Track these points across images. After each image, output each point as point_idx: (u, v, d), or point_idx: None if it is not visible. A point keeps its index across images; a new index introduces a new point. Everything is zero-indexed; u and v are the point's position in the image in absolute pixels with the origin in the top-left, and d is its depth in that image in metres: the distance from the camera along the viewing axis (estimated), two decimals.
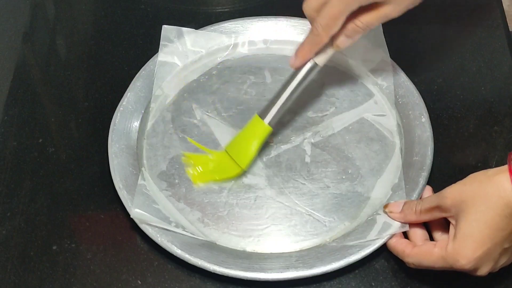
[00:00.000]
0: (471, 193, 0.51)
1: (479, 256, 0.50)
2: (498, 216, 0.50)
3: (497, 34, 0.73)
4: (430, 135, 0.62)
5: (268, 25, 0.71)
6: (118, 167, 0.60)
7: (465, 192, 0.51)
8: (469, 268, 0.51)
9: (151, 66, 0.68)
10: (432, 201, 0.54)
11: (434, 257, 0.52)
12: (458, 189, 0.52)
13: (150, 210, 0.58)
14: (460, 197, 0.52)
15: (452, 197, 0.52)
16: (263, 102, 0.67)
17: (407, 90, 0.66)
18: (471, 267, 0.51)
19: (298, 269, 0.55)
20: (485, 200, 0.50)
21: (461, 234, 0.51)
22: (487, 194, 0.50)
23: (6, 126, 0.66)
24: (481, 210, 0.50)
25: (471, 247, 0.50)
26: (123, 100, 0.65)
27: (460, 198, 0.51)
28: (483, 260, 0.51)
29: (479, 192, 0.51)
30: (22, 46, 0.73)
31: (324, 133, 0.65)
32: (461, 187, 0.52)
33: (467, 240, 0.51)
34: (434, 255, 0.52)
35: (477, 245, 0.50)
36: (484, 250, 0.50)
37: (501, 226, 0.50)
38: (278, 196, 0.60)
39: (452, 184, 0.53)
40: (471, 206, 0.51)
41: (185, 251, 0.55)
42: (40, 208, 0.60)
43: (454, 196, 0.52)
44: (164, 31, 0.70)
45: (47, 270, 0.56)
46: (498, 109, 0.67)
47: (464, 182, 0.52)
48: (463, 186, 0.52)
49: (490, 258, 0.51)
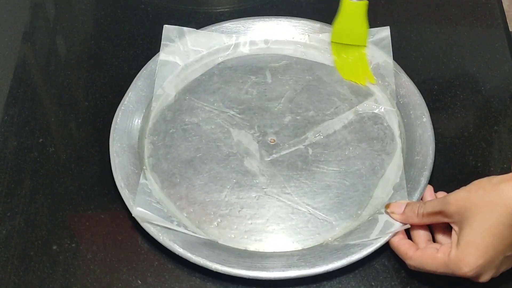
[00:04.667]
0: (475, 200, 0.51)
1: (481, 264, 0.50)
2: (502, 225, 0.50)
3: (497, 34, 0.73)
4: (431, 134, 0.63)
5: (269, 25, 0.71)
6: (120, 166, 0.60)
7: (469, 200, 0.51)
8: (471, 275, 0.51)
9: (152, 65, 0.68)
10: (435, 206, 0.54)
11: (436, 262, 0.52)
12: (462, 196, 0.52)
13: (151, 209, 0.58)
14: (464, 204, 0.51)
15: (456, 204, 0.52)
16: (264, 101, 0.67)
17: (408, 90, 0.66)
18: (473, 274, 0.51)
19: (300, 268, 0.55)
20: (489, 208, 0.50)
21: (465, 242, 0.51)
22: (492, 202, 0.50)
23: (6, 126, 0.66)
24: (485, 218, 0.50)
25: (474, 255, 0.50)
26: (125, 99, 0.65)
27: (464, 205, 0.51)
28: (485, 268, 0.51)
29: (483, 200, 0.50)
30: (22, 46, 0.73)
31: (325, 132, 0.65)
32: (466, 194, 0.52)
33: (470, 248, 0.50)
34: (437, 260, 0.52)
35: (480, 253, 0.50)
36: (487, 258, 0.50)
37: (505, 235, 0.50)
38: (280, 195, 0.60)
39: (456, 190, 0.53)
40: (476, 214, 0.50)
41: (187, 250, 0.55)
42: (40, 208, 0.60)
43: (459, 203, 0.52)
44: (166, 31, 0.70)
45: (47, 270, 0.56)
46: (498, 109, 0.67)
47: (469, 189, 0.52)
48: (468, 193, 0.52)
49: (492, 266, 0.51)
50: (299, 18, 0.72)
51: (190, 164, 0.62)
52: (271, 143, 0.64)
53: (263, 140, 0.64)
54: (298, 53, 0.71)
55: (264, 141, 0.64)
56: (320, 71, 0.69)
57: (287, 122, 0.66)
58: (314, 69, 0.70)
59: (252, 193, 0.61)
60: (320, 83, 0.68)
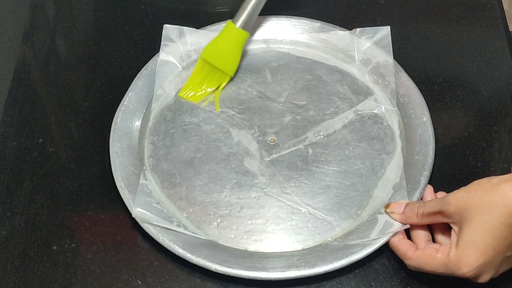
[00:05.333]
0: (475, 201, 0.51)
1: (481, 264, 0.50)
2: (502, 225, 0.50)
3: (497, 34, 0.73)
4: (431, 134, 0.63)
5: (269, 24, 0.71)
6: (120, 166, 0.60)
7: (469, 200, 0.51)
8: (470, 275, 0.51)
9: (152, 65, 0.68)
10: (435, 206, 0.54)
11: (435, 263, 0.52)
12: (462, 196, 0.52)
13: (151, 210, 0.58)
14: (464, 205, 0.51)
15: (456, 204, 0.52)
16: (264, 101, 0.67)
17: (409, 90, 0.66)
18: (473, 275, 0.51)
19: (300, 268, 0.55)
20: (489, 209, 0.50)
21: (464, 242, 0.51)
22: (492, 203, 0.50)
23: (6, 126, 0.66)
24: (485, 219, 0.50)
25: (474, 256, 0.50)
26: (125, 100, 0.65)
27: (464, 206, 0.51)
28: (485, 268, 0.51)
29: (483, 200, 0.50)
30: (22, 46, 0.73)
31: (325, 132, 0.65)
32: (466, 195, 0.52)
33: (470, 248, 0.50)
34: (436, 261, 0.52)
35: (479, 254, 0.50)
36: (487, 259, 0.50)
37: (504, 235, 0.50)
38: (280, 195, 0.60)
39: (456, 191, 0.53)
40: (475, 214, 0.50)
41: (187, 250, 0.55)
42: (40, 208, 0.60)
43: (458, 203, 0.52)
44: (165, 31, 0.70)
45: (47, 270, 0.56)
46: (498, 109, 0.67)
47: (469, 190, 0.52)
48: (468, 193, 0.52)
49: (492, 266, 0.51)
50: (298, 17, 0.72)
51: (190, 164, 0.62)
52: (271, 143, 0.64)
53: (263, 140, 0.64)
54: (298, 53, 0.71)
55: (264, 141, 0.64)
56: (320, 71, 0.69)
57: (287, 122, 0.65)
58: (314, 68, 0.70)
59: (252, 193, 0.61)
60: (320, 82, 0.68)
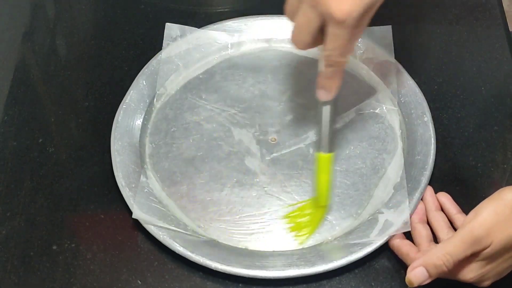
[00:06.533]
0: (503, 217, 0.50)
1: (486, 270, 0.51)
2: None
3: (497, 34, 0.73)
4: (432, 134, 0.63)
5: (271, 24, 0.71)
6: (121, 164, 0.60)
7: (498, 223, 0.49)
8: (473, 281, 0.51)
9: (154, 64, 0.68)
10: (466, 249, 0.50)
11: None
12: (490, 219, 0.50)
13: (152, 208, 0.58)
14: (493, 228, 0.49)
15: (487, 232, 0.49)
16: (265, 100, 0.67)
17: (410, 89, 0.66)
18: (476, 281, 0.51)
19: (300, 267, 0.55)
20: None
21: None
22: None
23: (6, 126, 0.66)
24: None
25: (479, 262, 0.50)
26: (126, 98, 0.65)
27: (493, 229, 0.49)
28: (488, 275, 0.51)
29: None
30: (22, 46, 0.73)
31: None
32: (494, 217, 0.50)
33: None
34: None
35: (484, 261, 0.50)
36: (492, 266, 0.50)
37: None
38: (280, 194, 0.60)
39: (478, 219, 0.50)
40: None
41: (187, 249, 0.55)
42: (40, 208, 0.60)
43: (486, 226, 0.49)
44: (167, 29, 0.70)
45: (47, 270, 0.56)
46: (498, 109, 0.67)
47: (495, 210, 0.50)
48: (496, 215, 0.50)
49: (495, 273, 0.51)
50: None
51: (191, 162, 0.62)
52: (272, 142, 0.64)
53: (264, 139, 0.64)
54: (299, 52, 0.71)
55: (265, 140, 0.64)
56: None
57: (288, 121, 0.65)
58: (316, 67, 0.69)
59: (253, 192, 0.60)
60: None
